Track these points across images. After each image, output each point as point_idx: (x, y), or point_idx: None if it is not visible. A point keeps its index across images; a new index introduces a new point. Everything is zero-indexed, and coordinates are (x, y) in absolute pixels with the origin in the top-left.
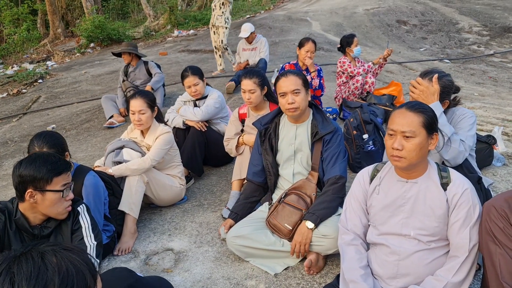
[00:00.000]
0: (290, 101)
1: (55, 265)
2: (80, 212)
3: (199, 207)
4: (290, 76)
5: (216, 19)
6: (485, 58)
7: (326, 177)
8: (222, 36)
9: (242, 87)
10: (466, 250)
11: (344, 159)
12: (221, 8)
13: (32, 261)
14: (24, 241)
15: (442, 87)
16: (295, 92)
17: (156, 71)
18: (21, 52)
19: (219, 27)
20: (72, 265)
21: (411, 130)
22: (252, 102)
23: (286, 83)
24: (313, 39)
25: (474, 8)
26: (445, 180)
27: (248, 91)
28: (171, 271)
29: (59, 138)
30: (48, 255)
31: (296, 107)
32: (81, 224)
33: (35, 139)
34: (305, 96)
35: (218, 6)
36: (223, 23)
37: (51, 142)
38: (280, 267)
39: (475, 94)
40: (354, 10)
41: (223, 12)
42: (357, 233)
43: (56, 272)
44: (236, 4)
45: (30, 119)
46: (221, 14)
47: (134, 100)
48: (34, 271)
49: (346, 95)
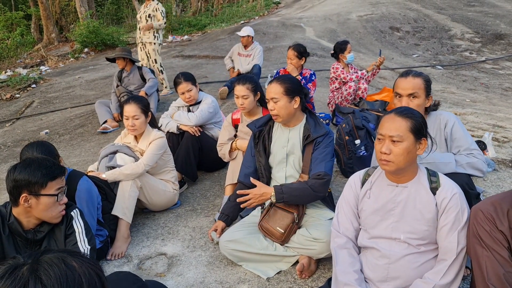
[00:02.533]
0: (270, 108)
1: (79, 270)
2: (74, 216)
3: (192, 212)
4: (274, 84)
5: (143, 34)
6: (477, 64)
7: (311, 172)
8: (154, 54)
9: (235, 93)
10: (454, 253)
11: (331, 159)
12: (148, 22)
13: (57, 266)
14: (17, 245)
15: (425, 81)
16: (273, 99)
17: (150, 77)
18: (15, 57)
19: (147, 43)
20: (90, 269)
21: (399, 135)
22: (245, 107)
23: (269, 89)
24: (297, 45)
25: (466, 15)
26: (434, 184)
27: (241, 97)
28: (164, 275)
29: (49, 147)
30: (68, 260)
31: (276, 114)
32: (74, 229)
33: (27, 150)
34: (286, 104)
35: (144, 19)
36: (152, 39)
37: (43, 152)
38: (272, 271)
39: (467, 100)
40: (348, 17)
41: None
42: (349, 237)
43: (82, 275)
44: (230, 10)
45: (23, 124)
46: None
47: (128, 105)
48: (62, 275)
49: (339, 101)
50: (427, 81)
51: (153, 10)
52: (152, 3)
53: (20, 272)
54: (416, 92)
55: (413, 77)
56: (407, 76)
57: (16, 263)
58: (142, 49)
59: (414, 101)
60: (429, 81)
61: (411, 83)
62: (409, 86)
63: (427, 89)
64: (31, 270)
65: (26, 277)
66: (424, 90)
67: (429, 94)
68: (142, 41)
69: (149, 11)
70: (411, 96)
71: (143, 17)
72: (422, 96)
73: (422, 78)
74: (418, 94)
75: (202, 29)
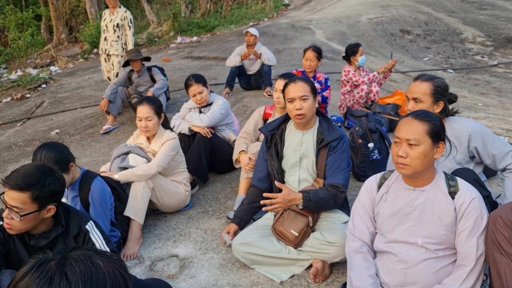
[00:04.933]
0: (298, 107)
1: (104, 268)
2: (89, 230)
3: (204, 213)
4: (299, 82)
5: (110, 46)
6: (489, 68)
7: (328, 181)
8: (118, 68)
9: (277, 87)
10: (473, 259)
11: (348, 169)
12: (116, 32)
13: (83, 263)
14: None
15: (434, 86)
16: (303, 98)
17: (160, 77)
18: (25, 57)
19: (113, 55)
20: (116, 270)
21: (416, 138)
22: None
23: (294, 88)
24: (316, 47)
25: (478, 18)
26: (453, 188)
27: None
28: (176, 277)
29: (62, 151)
30: (94, 258)
31: (303, 113)
32: (94, 242)
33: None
34: (313, 103)
35: (111, 28)
36: (120, 51)
37: (54, 158)
38: (285, 274)
39: (479, 105)
40: (358, 19)
41: (118, 36)
42: (364, 241)
43: (106, 274)
44: (239, 12)
45: (34, 124)
46: (117, 39)
47: (141, 106)
48: (87, 273)
49: (350, 104)
50: (437, 87)
51: (121, 19)
52: (119, 10)
53: (48, 266)
54: (420, 97)
55: (421, 82)
56: (416, 80)
57: (45, 257)
58: (106, 60)
59: (418, 105)
60: (440, 87)
61: (416, 87)
62: (414, 90)
63: (435, 95)
64: (58, 265)
65: (53, 271)
66: (431, 96)
67: (438, 100)
68: (108, 52)
69: (117, 19)
70: (416, 100)
71: (110, 26)
72: (427, 102)
73: (431, 83)
74: (421, 99)
75: (211, 31)
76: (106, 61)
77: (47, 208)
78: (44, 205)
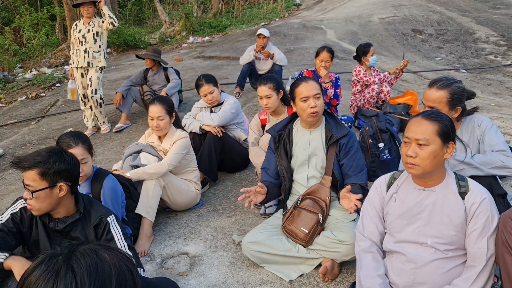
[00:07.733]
0: (313, 105)
1: (110, 261)
2: (110, 222)
3: (214, 212)
4: (310, 81)
5: (92, 58)
6: (502, 68)
7: (352, 181)
8: (96, 83)
9: (259, 94)
10: (484, 260)
11: (366, 169)
12: (97, 41)
13: (89, 256)
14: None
15: (450, 94)
16: (316, 96)
17: (174, 77)
18: (40, 57)
19: (95, 67)
20: (122, 263)
21: (425, 138)
22: (270, 107)
23: (308, 87)
24: (329, 47)
25: (491, 18)
26: (463, 189)
27: (265, 97)
28: (186, 275)
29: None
30: (101, 252)
31: (317, 111)
32: (113, 235)
33: (67, 137)
34: (323, 101)
35: (91, 38)
36: (103, 62)
37: (83, 138)
38: (295, 273)
39: (492, 105)
40: (369, 19)
41: (100, 46)
42: (373, 240)
43: (112, 267)
44: (251, 12)
45: (48, 122)
46: (98, 49)
47: (153, 106)
48: (92, 265)
49: (361, 103)
50: (454, 94)
51: (99, 26)
52: (94, 20)
53: (56, 260)
54: (436, 106)
55: (437, 89)
56: (431, 87)
57: (54, 252)
58: (84, 75)
59: None
60: (457, 94)
61: (432, 95)
62: (429, 98)
63: (452, 102)
64: (65, 258)
65: (60, 264)
66: (447, 104)
67: (455, 106)
68: (89, 65)
69: (95, 28)
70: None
71: (90, 36)
72: (444, 110)
73: (447, 90)
74: (438, 108)
75: (222, 31)
76: (84, 76)
77: (58, 186)
78: (53, 182)
